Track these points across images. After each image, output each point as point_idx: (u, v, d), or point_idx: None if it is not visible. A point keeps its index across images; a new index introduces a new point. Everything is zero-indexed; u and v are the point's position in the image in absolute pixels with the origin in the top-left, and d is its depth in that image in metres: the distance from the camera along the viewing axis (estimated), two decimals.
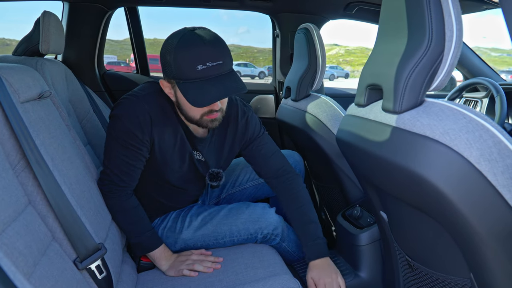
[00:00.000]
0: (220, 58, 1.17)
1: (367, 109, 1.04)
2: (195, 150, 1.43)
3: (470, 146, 0.76)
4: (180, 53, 1.15)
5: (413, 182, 0.85)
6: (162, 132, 1.32)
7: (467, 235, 0.82)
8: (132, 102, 1.28)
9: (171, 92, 1.28)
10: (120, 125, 1.28)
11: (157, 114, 1.30)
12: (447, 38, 0.83)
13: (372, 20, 2.46)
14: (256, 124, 1.54)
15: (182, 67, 1.16)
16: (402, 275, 1.25)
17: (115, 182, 1.32)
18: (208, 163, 1.47)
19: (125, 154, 1.30)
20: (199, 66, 1.14)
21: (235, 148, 1.53)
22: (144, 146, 1.31)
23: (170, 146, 1.36)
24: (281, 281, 1.25)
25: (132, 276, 1.34)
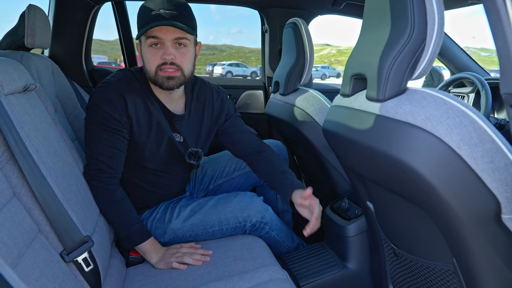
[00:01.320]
0: (175, 8, 1.28)
1: (352, 98, 1.05)
2: (175, 131, 1.47)
3: (451, 132, 0.78)
4: (142, 7, 1.31)
5: (396, 168, 0.86)
6: (137, 112, 1.37)
7: (449, 220, 0.83)
8: (105, 88, 1.35)
9: (140, 55, 1.37)
10: (98, 111, 1.32)
11: (131, 96, 1.35)
12: (429, 26, 0.84)
13: (360, 16, 2.48)
14: (230, 104, 1.63)
15: (141, 17, 1.29)
16: (388, 264, 1.26)
17: (102, 169, 1.33)
18: (187, 143, 1.51)
19: (107, 138, 1.33)
20: (152, 12, 1.27)
21: (213, 129, 1.58)
22: (123, 127, 1.35)
23: (146, 127, 1.40)
24: (270, 272, 1.26)
25: (120, 270, 1.34)
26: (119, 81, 1.37)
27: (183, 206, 1.53)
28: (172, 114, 1.45)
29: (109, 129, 1.33)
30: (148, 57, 1.32)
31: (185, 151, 1.52)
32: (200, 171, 1.80)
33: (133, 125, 1.37)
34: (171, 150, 1.48)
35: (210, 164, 1.80)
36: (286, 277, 1.26)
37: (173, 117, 1.46)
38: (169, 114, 1.45)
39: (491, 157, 0.77)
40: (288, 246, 1.63)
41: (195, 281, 1.26)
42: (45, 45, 1.71)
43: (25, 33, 1.59)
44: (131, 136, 1.39)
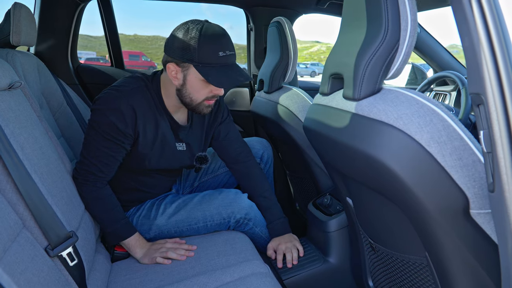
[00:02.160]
0: (232, 49, 1.34)
1: (330, 97, 1.09)
2: (178, 141, 1.50)
3: (421, 130, 0.81)
4: (205, 39, 1.29)
5: (370, 165, 0.89)
6: (145, 126, 1.38)
7: (420, 214, 0.87)
8: (116, 97, 1.33)
9: (177, 76, 1.35)
10: (103, 118, 1.31)
11: (141, 108, 1.36)
12: (402, 28, 0.88)
13: None
14: (225, 108, 1.68)
15: (206, 52, 1.29)
16: (367, 258, 1.30)
17: (93, 173, 1.34)
18: (193, 149, 1.54)
19: (107, 146, 1.34)
20: (221, 53, 1.30)
21: (211, 132, 1.62)
22: (126, 139, 1.35)
23: (151, 139, 1.41)
24: (252, 266, 1.29)
25: (105, 265, 1.36)
26: (132, 91, 1.36)
27: (169, 202, 1.55)
28: (178, 125, 1.48)
29: (111, 138, 1.33)
30: (199, 88, 1.36)
31: (191, 158, 1.55)
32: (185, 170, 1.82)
33: (139, 137, 1.38)
34: (170, 159, 1.50)
35: None
36: (268, 271, 1.29)
37: (179, 127, 1.49)
38: (175, 125, 1.48)
39: (459, 154, 0.81)
40: None
41: (179, 275, 1.28)
42: (31, 43, 1.72)
43: (11, 31, 1.59)
44: (134, 147, 1.40)
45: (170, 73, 1.35)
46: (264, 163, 1.80)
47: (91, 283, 1.18)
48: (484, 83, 0.71)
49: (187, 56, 1.30)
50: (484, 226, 0.84)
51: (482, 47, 0.71)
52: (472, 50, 0.73)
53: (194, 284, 1.21)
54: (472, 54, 0.73)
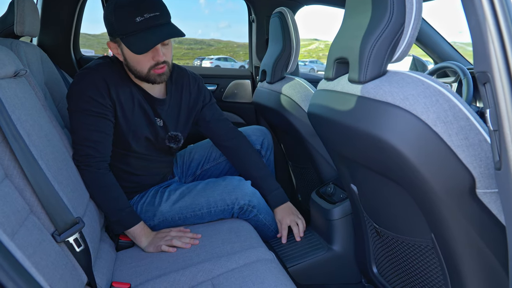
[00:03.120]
0: (156, 10, 1.29)
1: (335, 82, 1.09)
2: (156, 116, 1.51)
3: (427, 110, 0.82)
4: (119, 9, 1.28)
5: (376, 147, 0.90)
6: (119, 95, 1.40)
7: (426, 195, 0.87)
8: (86, 74, 1.37)
9: (118, 52, 1.37)
10: (81, 96, 1.35)
11: (112, 79, 1.38)
12: (407, 10, 0.88)
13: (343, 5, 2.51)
14: (206, 91, 1.69)
15: (122, 22, 1.28)
16: (371, 244, 1.31)
17: (90, 154, 1.35)
18: (168, 127, 1.55)
19: (92, 123, 1.35)
20: (137, 18, 1.27)
21: (191, 114, 1.64)
22: (108, 110, 1.37)
23: (130, 109, 1.43)
24: (257, 253, 1.29)
25: (111, 254, 1.36)
26: (100, 65, 1.40)
27: (173, 190, 1.56)
28: (154, 98, 1.49)
29: (94, 113, 1.35)
30: (137, 60, 1.35)
31: (165, 135, 1.56)
32: (187, 157, 1.83)
33: (116, 108, 1.39)
34: (153, 134, 1.52)
35: (198, 150, 1.84)
36: (273, 258, 1.30)
37: (155, 101, 1.50)
38: (151, 99, 1.49)
39: (465, 134, 0.82)
40: (275, 230, 1.66)
41: (184, 262, 1.29)
42: (34, 33, 1.72)
43: (15, 21, 1.60)
44: (116, 119, 1.42)
45: (113, 51, 1.39)
46: (264, 150, 1.81)
47: (97, 270, 1.19)
48: (490, 61, 0.71)
49: (112, 31, 1.33)
50: (490, 206, 0.85)
51: (488, 25, 0.72)
52: (478, 29, 0.74)
53: (200, 271, 1.22)
54: (479, 33, 0.74)
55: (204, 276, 1.21)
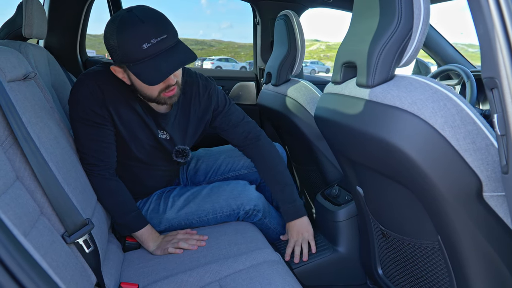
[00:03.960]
0: (162, 32, 1.16)
1: (342, 85, 1.10)
2: (160, 128, 1.44)
3: (435, 114, 0.83)
4: (122, 36, 1.15)
5: (383, 150, 0.91)
6: (117, 105, 1.33)
7: (433, 198, 0.88)
8: (82, 82, 1.31)
9: (124, 76, 1.28)
10: (78, 106, 1.31)
11: (109, 87, 1.31)
12: (415, 16, 0.89)
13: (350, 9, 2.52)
14: (219, 96, 1.58)
15: (128, 50, 1.16)
16: (377, 245, 1.32)
17: (94, 164, 1.35)
18: (174, 140, 1.49)
19: (92, 132, 1.33)
20: (144, 45, 1.14)
21: (201, 125, 1.56)
22: (105, 120, 1.32)
23: (130, 120, 1.37)
24: (263, 255, 1.31)
25: (118, 255, 1.38)
26: (98, 72, 1.34)
27: (177, 195, 1.56)
28: (156, 112, 1.41)
29: (92, 124, 1.31)
30: (147, 86, 1.24)
31: (172, 149, 1.49)
32: (194, 165, 1.79)
33: (113, 116, 1.33)
34: (157, 146, 1.47)
35: (206, 159, 1.78)
36: (279, 259, 1.31)
37: (158, 115, 1.42)
38: (153, 113, 1.41)
39: (472, 138, 0.83)
40: (280, 232, 1.67)
41: (191, 263, 1.30)
42: (42, 35, 1.74)
43: (23, 24, 1.61)
44: (116, 128, 1.36)
45: (118, 76, 1.29)
46: None
47: (105, 271, 1.20)
48: (498, 67, 0.72)
49: (117, 58, 1.21)
50: (497, 209, 0.86)
51: (496, 33, 0.73)
52: (486, 36, 0.75)
53: (207, 272, 1.23)
54: (487, 39, 0.75)
55: (212, 277, 1.22)
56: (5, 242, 0.55)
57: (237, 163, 1.75)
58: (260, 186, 1.79)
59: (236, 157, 1.74)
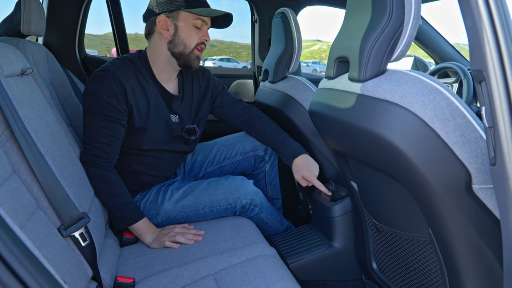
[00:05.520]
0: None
1: (336, 80, 1.11)
2: (172, 112, 1.56)
3: (425, 107, 0.84)
4: None
5: (375, 143, 0.92)
6: (136, 98, 1.43)
7: (424, 191, 0.89)
8: (103, 76, 1.39)
9: (167, 28, 1.48)
10: (96, 99, 1.37)
11: (129, 83, 1.42)
12: (406, 10, 0.90)
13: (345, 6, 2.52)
14: (215, 81, 1.78)
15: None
16: (371, 240, 1.33)
17: (99, 155, 1.37)
18: (184, 120, 1.60)
19: (105, 125, 1.38)
20: None
21: (201, 107, 1.69)
22: (122, 115, 1.40)
23: (145, 112, 1.47)
24: (258, 249, 1.32)
25: (115, 249, 1.39)
26: (117, 68, 1.42)
27: (175, 188, 1.58)
28: (170, 94, 1.54)
29: (107, 117, 1.38)
30: (190, 34, 1.48)
31: (181, 131, 1.60)
32: (190, 158, 1.85)
33: (133, 111, 1.43)
34: (167, 131, 1.55)
35: (200, 151, 1.85)
36: (274, 253, 1.32)
37: (171, 97, 1.55)
38: (167, 95, 1.54)
39: (462, 131, 0.84)
40: (277, 228, 1.69)
41: (187, 258, 1.31)
42: (40, 33, 1.75)
43: (21, 21, 1.62)
44: (130, 121, 1.44)
45: (160, 27, 1.47)
46: (268, 156, 1.82)
47: (101, 264, 1.21)
48: (486, 60, 0.73)
49: (175, 3, 1.45)
50: (486, 201, 0.87)
51: (484, 25, 0.74)
52: (474, 29, 0.76)
53: (202, 266, 1.24)
54: (475, 32, 0.76)
55: (207, 271, 1.23)
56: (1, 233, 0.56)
57: (231, 150, 1.82)
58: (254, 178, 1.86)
59: (230, 145, 1.82)
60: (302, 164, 1.64)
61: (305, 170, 1.63)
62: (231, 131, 1.98)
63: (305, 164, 1.64)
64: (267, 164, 1.83)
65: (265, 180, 1.86)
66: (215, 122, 1.95)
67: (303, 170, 1.63)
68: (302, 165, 1.64)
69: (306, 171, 1.62)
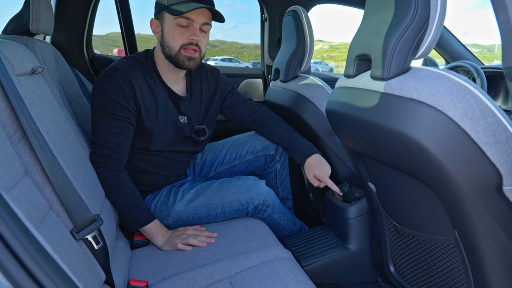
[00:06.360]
0: None
1: (356, 79, 1.08)
2: (180, 113, 1.53)
3: (454, 106, 0.81)
4: None
5: (400, 143, 0.89)
6: (144, 98, 1.41)
7: (451, 192, 0.86)
8: (112, 76, 1.37)
9: (157, 31, 1.44)
10: (105, 98, 1.35)
11: (138, 82, 1.40)
12: (432, 7, 0.87)
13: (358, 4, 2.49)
14: (225, 81, 1.74)
15: None
16: (389, 242, 1.30)
17: (108, 155, 1.35)
18: (192, 121, 1.57)
19: (114, 125, 1.36)
20: None
21: (211, 107, 1.66)
22: (130, 114, 1.38)
23: (154, 112, 1.45)
24: (274, 252, 1.29)
25: (126, 252, 1.36)
26: (126, 67, 1.40)
27: (186, 189, 1.56)
28: (178, 96, 1.51)
29: (116, 116, 1.36)
30: (173, 34, 1.39)
31: (190, 132, 1.57)
32: (200, 158, 1.83)
33: (141, 111, 1.41)
34: (175, 132, 1.52)
35: (210, 152, 1.83)
36: (290, 256, 1.30)
37: (179, 99, 1.52)
38: (175, 96, 1.51)
39: (492, 130, 0.81)
40: (290, 229, 1.66)
41: (201, 261, 1.28)
42: (49, 31, 1.72)
43: (30, 19, 1.60)
44: (139, 122, 1.42)
45: (153, 29, 1.45)
46: (279, 155, 1.80)
47: (113, 268, 1.19)
48: None
49: (159, 5, 1.40)
50: None
51: None
52: (507, 25, 0.73)
53: (217, 269, 1.22)
54: (508, 28, 0.73)
55: (222, 274, 1.20)
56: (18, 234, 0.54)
57: (241, 150, 1.79)
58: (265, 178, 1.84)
59: (240, 144, 1.80)
60: (314, 163, 1.63)
61: (317, 169, 1.61)
62: (241, 130, 1.95)
63: (317, 164, 1.62)
64: (278, 163, 1.80)
65: (276, 180, 1.84)
66: (224, 122, 1.93)
67: (315, 169, 1.61)
68: (314, 164, 1.62)
69: (319, 170, 1.61)
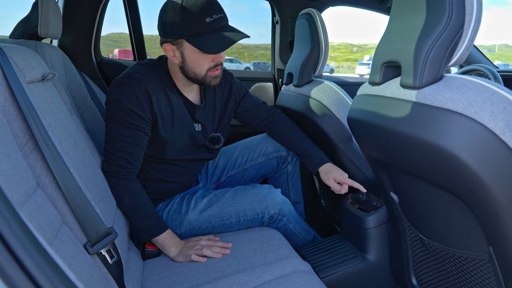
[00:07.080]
0: (221, 11, 1.30)
1: (382, 86, 1.04)
2: (195, 121, 1.49)
3: (495, 118, 0.76)
4: (187, 11, 1.25)
5: (434, 155, 0.84)
6: (160, 107, 1.37)
7: (489, 207, 0.82)
8: (128, 84, 1.32)
9: (175, 55, 1.35)
10: (120, 107, 1.30)
11: (154, 91, 1.35)
12: (467, 12, 0.83)
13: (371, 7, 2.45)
14: (238, 86, 1.70)
15: (192, 23, 1.26)
16: (411, 253, 1.25)
17: (122, 165, 1.31)
18: (207, 129, 1.55)
19: (129, 135, 1.32)
20: (207, 19, 1.26)
21: (226, 112, 1.62)
22: (146, 124, 1.34)
23: (170, 121, 1.41)
24: (293, 264, 1.25)
25: (138, 263, 1.32)
26: (143, 75, 1.35)
27: (200, 197, 1.51)
28: (193, 104, 1.47)
29: (132, 125, 1.32)
30: (198, 61, 1.34)
31: (205, 140, 1.54)
32: (211, 163, 1.79)
33: (157, 120, 1.37)
34: (190, 141, 1.49)
35: (222, 156, 1.79)
36: (309, 269, 1.25)
37: (194, 107, 1.47)
38: (190, 105, 1.47)
39: None
40: (304, 238, 1.62)
41: (216, 274, 1.24)
42: (57, 35, 1.68)
43: (39, 23, 1.55)
44: (154, 131, 1.38)
45: (168, 54, 1.36)
46: (291, 157, 1.76)
47: (127, 281, 1.14)
48: None
49: (177, 32, 1.29)
50: None
51: None
52: None
53: (234, 283, 1.17)
54: None
55: None
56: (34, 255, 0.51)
57: (253, 153, 1.76)
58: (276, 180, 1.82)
59: (251, 147, 1.76)
60: (330, 167, 1.60)
61: (335, 172, 1.58)
62: (252, 133, 1.91)
63: (334, 167, 1.60)
64: (290, 165, 1.77)
65: (288, 183, 1.80)
66: (235, 126, 1.89)
67: (333, 173, 1.58)
68: (331, 168, 1.60)
69: (337, 173, 1.57)
